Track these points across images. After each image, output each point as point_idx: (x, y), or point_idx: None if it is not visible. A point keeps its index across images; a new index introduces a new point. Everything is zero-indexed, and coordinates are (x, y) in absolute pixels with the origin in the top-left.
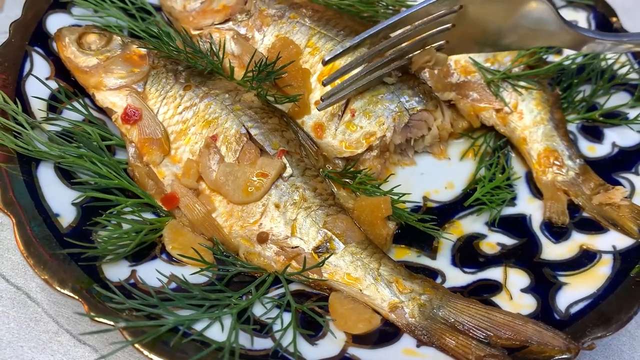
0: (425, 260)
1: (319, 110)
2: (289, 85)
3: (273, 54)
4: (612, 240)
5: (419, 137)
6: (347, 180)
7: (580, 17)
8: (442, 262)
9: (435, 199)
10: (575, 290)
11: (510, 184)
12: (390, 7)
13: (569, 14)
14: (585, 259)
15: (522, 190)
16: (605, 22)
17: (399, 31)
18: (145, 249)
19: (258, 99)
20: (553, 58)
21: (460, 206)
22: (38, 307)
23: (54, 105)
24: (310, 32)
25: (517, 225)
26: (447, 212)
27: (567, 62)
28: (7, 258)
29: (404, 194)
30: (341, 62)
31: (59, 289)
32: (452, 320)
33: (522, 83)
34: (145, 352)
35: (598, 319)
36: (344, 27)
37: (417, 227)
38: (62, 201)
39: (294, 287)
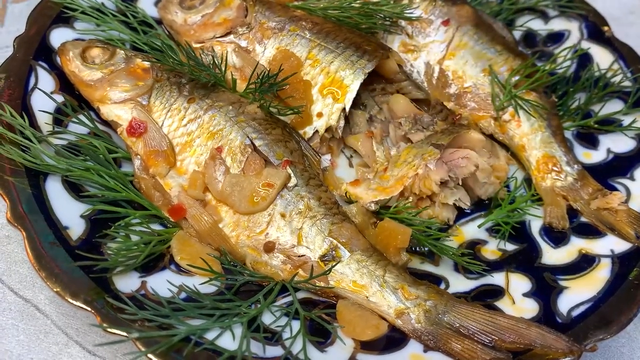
0: (429, 267)
1: None
2: (291, 96)
3: (274, 66)
4: (610, 245)
5: (467, 175)
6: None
7: (573, 27)
8: (445, 268)
9: None
10: (576, 294)
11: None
12: (389, 19)
13: (561, 23)
14: (584, 263)
15: (521, 195)
16: (597, 31)
17: None
18: (154, 260)
19: (261, 111)
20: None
21: (462, 212)
22: (47, 319)
23: (60, 118)
24: (310, 44)
25: (517, 230)
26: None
27: (560, 70)
28: (15, 271)
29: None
30: (347, 82)
31: (71, 301)
32: (457, 325)
33: (530, 102)
34: None
35: (599, 322)
36: (343, 39)
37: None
38: (70, 214)
39: (301, 295)
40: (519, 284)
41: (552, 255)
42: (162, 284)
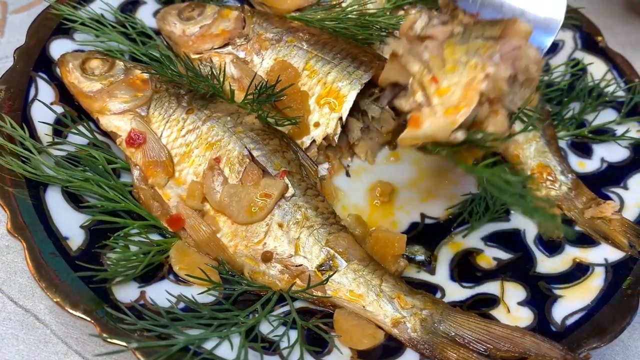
0: (425, 276)
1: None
2: (289, 107)
3: (272, 77)
4: (604, 254)
5: (525, 67)
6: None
7: (567, 37)
8: (440, 277)
9: (432, 216)
10: (570, 303)
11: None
12: (385, 30)
13: None
14: (578, 272)
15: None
16: (591, 41)
17: None
18: (153, 270)
19: (259, 121)
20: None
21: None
22: (47, 328)
23: (60, 129)
24: (307, 55)
25: (512, 239)
26: (444, 228)
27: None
28: (15, 280)
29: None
30: (344, 92)
31: (71, 311)
32: (453, 334)
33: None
34: None
35: (593, 330)
36: (340, 50)
37: None
38: (70, 224)
39: (298, 304)
40: (514, 292)
41: (546, 264)
42: (161, 293)
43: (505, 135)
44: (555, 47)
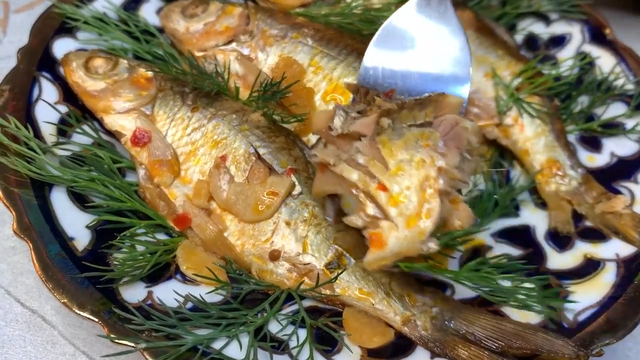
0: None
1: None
2: (294, 104)
3: (277, 74)
4: (615, 249)
5: (466, 143)
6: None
7: (574, 30)
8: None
9: None
10: (581, 299)
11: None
12: None
13: (563, 27)
14: (589, 268)
15: (525, 201)
16: (599, 33)
17: None
18: (160, 270)
19: (264, 119)
20: (549, 70)
21: None
22: (54, 330)
23: (64, 129)
24: (312, 51)
25: (522, 236)
26: None
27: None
28: (21, 282)
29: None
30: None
31: (78, 311)
32: (464, 331)
33: (533, 105)
34: None
35: (605, 326)
36: (345, 46)
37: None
38: (76, 225)
39: (307, 303)
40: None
41: (557, 260)
42: (169, 293)
43: (476, 223)
44: (562, 41)
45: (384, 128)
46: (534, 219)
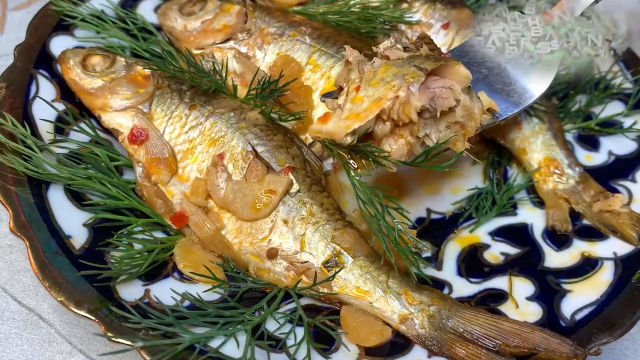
0: (432, 271)
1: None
2: (292, 102)
3: (275, 72)
4: (613, 247)
5: (447, 110)
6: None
7: None
8: (448, 272)
9: (438, 211)
10: (579, 297)
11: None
12: (388, 23)
13: None
14: (587, 266)
15: (523, 199)
16: None
17: None
18: (157, 268)
19: (262, 117)
20: None
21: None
22: (51, 328)
23: (61, 127)
24: (310, 49)
25: (519, 234)
26: (450, 223)
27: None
28: (18, 280)
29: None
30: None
31: (75, 310)
32: (461, 330)
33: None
34: None
35: (603, 325)
36: (343, 44)
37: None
38: (73, 223)
39: (304, 301)
40: (522, 287)
41: (554, 259)
42: (166, 292)
43: (395, 160)
44: None
45: (399, 58)
46: (532, 217)
